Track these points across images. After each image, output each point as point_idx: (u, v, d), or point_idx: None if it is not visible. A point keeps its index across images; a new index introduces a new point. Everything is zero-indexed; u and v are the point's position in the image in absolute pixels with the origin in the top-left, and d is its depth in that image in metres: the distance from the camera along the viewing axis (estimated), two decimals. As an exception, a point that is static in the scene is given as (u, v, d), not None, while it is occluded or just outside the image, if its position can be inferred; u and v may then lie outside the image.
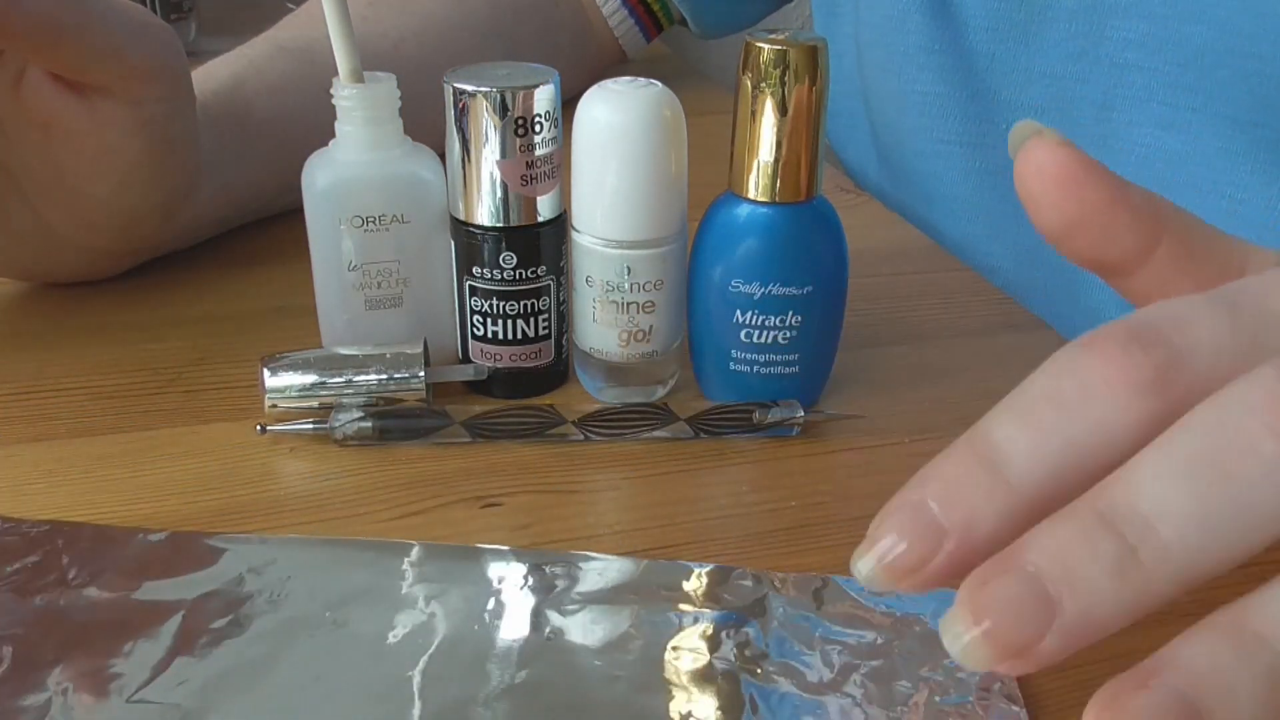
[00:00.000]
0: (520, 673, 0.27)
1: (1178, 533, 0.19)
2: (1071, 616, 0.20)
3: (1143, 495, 0.20)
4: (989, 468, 0.21)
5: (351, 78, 0.36)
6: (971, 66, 0.51)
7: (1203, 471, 0.20)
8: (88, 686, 0.26)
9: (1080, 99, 0.48)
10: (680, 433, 0.37)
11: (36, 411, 0.38)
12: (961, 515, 0.21)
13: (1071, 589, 0.20)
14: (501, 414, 0.36)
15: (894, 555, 0.21)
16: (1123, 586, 0.20)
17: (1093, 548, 0.20)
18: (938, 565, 0.21)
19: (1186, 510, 0.19)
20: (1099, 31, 0.46)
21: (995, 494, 0.21)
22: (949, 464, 0.22)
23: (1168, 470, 0.20)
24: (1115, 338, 0.22)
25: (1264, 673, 0.19)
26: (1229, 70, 0.42)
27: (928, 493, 0.22)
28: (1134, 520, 0.20)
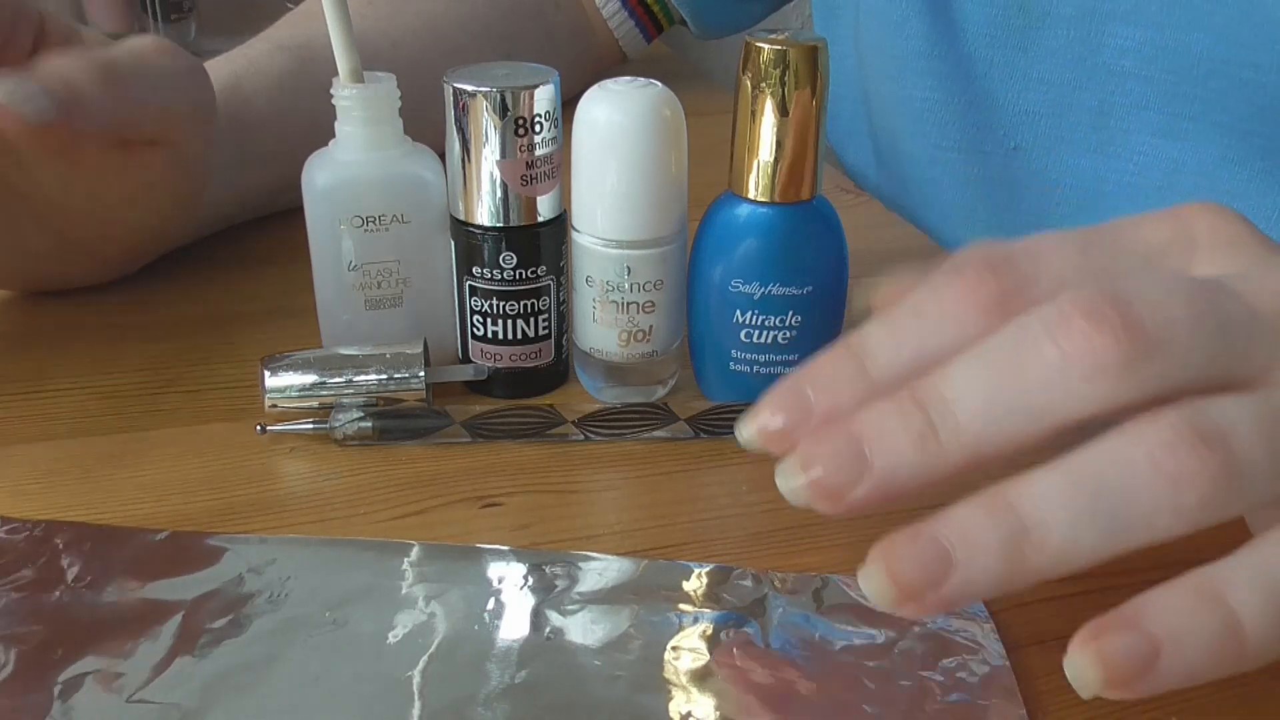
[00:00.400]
0: (520, 673, 0.27)
1: (969, 415, 0.24)
2: (878, 473, 0.24)
3: (949, 384, 0.24)
4: (856, 364, 0.26)
5: (351, 78, 0.36)
6: (970, 73, 0.51)
7: (996, 368, 0.24)
8: (88, 687, 0.26)
9: (1078, 105, 0.48)
10: (680, 433, 0.37)
11: (36, 411, 0.38)
12: (828, 398, 0.26)
13: (881, 452, 0.24)
14: (501, 414, 0.36)
15: (770, 426, 0.26)
16: (921, 454, 0.24)
17: (903, 421, 0.24)
18: (803, 436, 0.26)
19: (979, 398, 0.24)
20: (1097, 38, 0.46)
21: (857, 384, 0.26)
22: (826, 359, 0.27)
23: (971, 366, 0.25)
24: (974, 263, 0.26)
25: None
26: (1226, 79, 0.42)
27: (804, 379, 0.27)
28: (938, 403, 0.24)
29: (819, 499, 0.25)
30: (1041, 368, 0.24)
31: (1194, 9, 0.42)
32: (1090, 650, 0.23)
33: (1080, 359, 0.23)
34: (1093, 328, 0.23)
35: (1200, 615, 0.22)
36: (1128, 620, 0.23)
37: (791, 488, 0.26)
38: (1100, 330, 0.23)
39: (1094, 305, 0.24)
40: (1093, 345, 0.23)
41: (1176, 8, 0.43)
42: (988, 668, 0.27)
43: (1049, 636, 0.29)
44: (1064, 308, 0.24)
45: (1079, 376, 0.23)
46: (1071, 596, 0.30)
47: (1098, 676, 0.23)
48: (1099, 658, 0.23)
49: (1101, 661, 0.23)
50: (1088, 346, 0.23)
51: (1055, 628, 0.29)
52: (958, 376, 0.25)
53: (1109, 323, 0.23)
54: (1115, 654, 0.23)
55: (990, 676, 0.27)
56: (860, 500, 0.25)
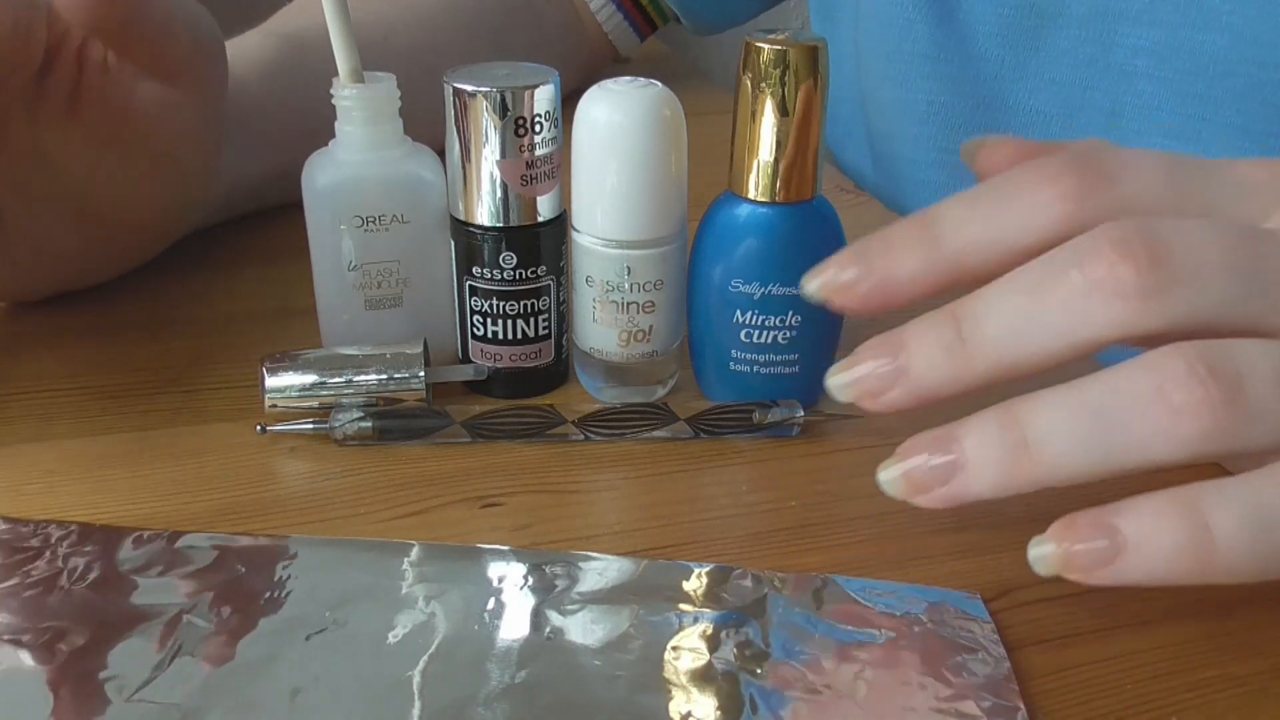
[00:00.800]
0: (520, 672, 0.27)
1: (995, 330, 0.26)
2: (912, 378, 0.27)
3: (983, 300, 0.27)
4: (925, 230, 0.28)
5: (351, 78, 0.36)
6: (979, 74, 0.50)
7: (1026, 289, 0.26)
8: (87, 686, 0.26)
9: (1089, 106, 0.47)
10: (680, 433, 0.37)
11: (37, 411, 0.38)
12: (892, 258, 0.28)
13: (914, 360, 0.27)
14: (501, 414, 0.36)
15: (836, 279, 0.29)
16: (950, 362, 0.27)
17: (938, 332, 0.27)
18: (864, 289, 0.29)
19: (1006, 315, 0.26)
20: (1109, 38, 0.46)
21: (922, 247, 0.28)
22: (899, 224, 0.29)
23: (1006, 287, 0.27)
24: (1064, 154, 0.28)
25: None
26: (1242, 79, 0.42)
27: (873, 241, 0.29)
28: (970, 318, 0.27)
29: (859, 396, 0.28)
30: (1066, 291, 0.25)
31: (1209, 9, 0.42)
32: (1058, 545, 0.25)
33: (1101, 284, 0.25)
34: (1117, 256, 0.25)
35: (1172, 523, 0.24)
36: (1101, 522, 0.25)
37: (838, 384, 0.28)
38: (1124, 259, 0.25)
39: (1124, 236, 0.25)
40: (1115, 273, 0.25)
41: (1190, 8, 0.43)
42: (988, 668, 0.27)
43: (1049, 636, 0.29)
44: (1096, 237, 0.25)
45: (1099, 301, 0.25)
46: (1072, 596, 0.30)
47: (1057, 566, 0.25)
48: (1063, 553, 0.25)
49: (1064, 556, 0.25)
50: (1109, 274, 0.25)
51: (1055, 628, 0.29)
52: (993, 295, 0.27)
53: (1134, 253, 0.25)
54: (1079, 552, 0.25)
55: (990, 676, 0.27)
56: (896, 401, 0.28)
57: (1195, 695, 0.27)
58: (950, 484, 0.27)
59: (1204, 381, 0.24)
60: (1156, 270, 0.25)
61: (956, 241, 0.28)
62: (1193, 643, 0.29)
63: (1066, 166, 0.27)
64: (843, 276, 0.29)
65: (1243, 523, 0.24)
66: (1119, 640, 0.29)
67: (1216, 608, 0.30)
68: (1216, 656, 0.28)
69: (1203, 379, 0.24)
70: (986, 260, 0.28)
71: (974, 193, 0.28)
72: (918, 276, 0.28)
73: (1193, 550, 0.24)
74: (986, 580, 0.31)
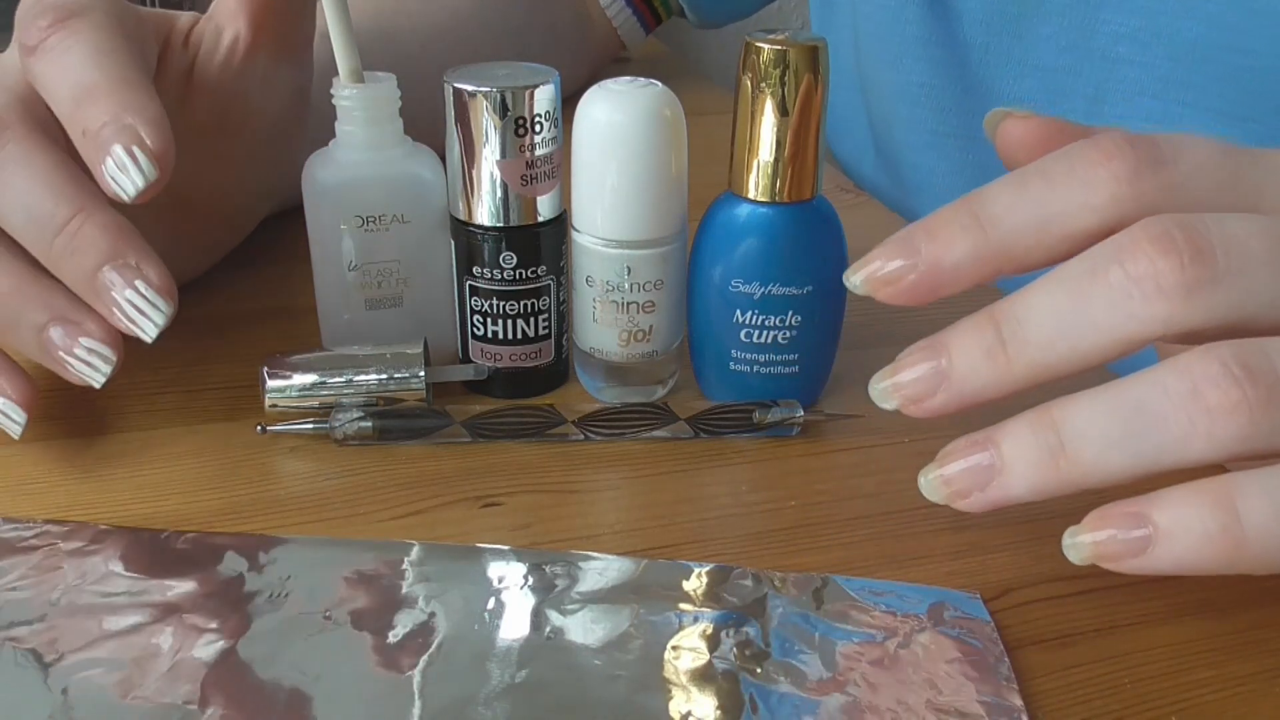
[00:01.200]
0: (520, 672, 0.27)
1: (1036, 332, 0.26)
2: (954, 383, 0.27)
3: (1023, 303, 0.26)
4: (972, 214, 0.27)
5: (351, 78, 0.36)
6: (966, 59, 0.51)
7: (1066, 288, 0.26)
8: (87, 686, 0.26)
9: (1072, 92, 0.48)
10: (680, 432, 0.37)
11: (37, 411, 0.38)
12: (938, 247, 0.28)
13: (956, 364, 0.27)
14: (501, 414, 0.36)
15: (879, 272, 0.28)
16: (991, 366, 0.27)
17: (978, 336, 0.27)
18: (911, 282, 0.28)
19: (1047, 316, 0.26)
20: (1091, 25, 0.46)
21: (970, 233, 0.27)
22: (945, 211, 0.28)
23: (1045, 287, 0.26)
24: (1116, 136, 0.27)
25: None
26: (1220, 65, 0.42)
27: (919, 228, 0.28)
28: (1010, 321, 0.26)
29: (903, 402, 0.28)
30: (1107, 289, 0.25)
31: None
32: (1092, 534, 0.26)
33: (1142, 281, 0.25)
34: (1158, 251, 0.24)
35: (1202, 513, 0.24)
36: (1133, 513, 0.25)
37: (881, 390, 0.29)
38: (1166, 254, 0.24)
39: (1165, 231, 0.25)
40: (1156, 268, 0.24)
41: None
42: (988, 667, 0.27)
43: (1049, 636, 0.29)
44: (1135, 233, 0.25)
45: (1140, 298, 0.25)
46: (1072, 596, 0.30)
47: (1090, 555, 0.26)
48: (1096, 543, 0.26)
49: (1097, 545, 0.26)
50: (1151, 269, 0.24)
51: (1055, 628, 0.29)
52: (1032, 296, 0.26)
53: (1176, 248, 0.24)
54: (1112, 541, 0.25)
55: (990, 676, 0.27)
56: (939, 406, 0.28)
57: (1195, 695, 0.27)
58: (989, 488, 0.27)
59: (1240, 382, 0.24)
60: (1199, 266, 0.24)
61: (1005, 226, 0.27)
62: (1193, 643, 0.29)
63: (1118, 148, 0.26)
64: (888, 268, 0.28)
65: (1273, 512, 0.24)
66: (1119, 640, 0.29)
67: (1216, 608, 0.30)
68: (1216, 656, 0.28)
69: (1238, 379, 0.24)
70: (1036, 245, 0.27)
71: (1023, 174, 0.27)
72: (965, 265, 0.27)
73: (1222, 539, 0.24)
74: (986, 580, 0.31)
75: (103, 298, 0.32)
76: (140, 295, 0.32)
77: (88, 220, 0.32)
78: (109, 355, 0.32)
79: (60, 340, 0.32)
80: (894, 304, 0.29)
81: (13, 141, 0.32)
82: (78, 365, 0.32)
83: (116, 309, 0.32)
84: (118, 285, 0.32)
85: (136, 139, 0.31)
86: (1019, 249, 0.27)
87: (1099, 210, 0.26)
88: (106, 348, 0.32)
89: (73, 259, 0.32)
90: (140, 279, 0.32)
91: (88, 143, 0.31)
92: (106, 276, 0.32)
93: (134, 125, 0.31)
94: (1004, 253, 0.27)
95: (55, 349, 0.32)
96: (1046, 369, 0.26)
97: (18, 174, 0.32)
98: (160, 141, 0.32)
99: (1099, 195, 0.26)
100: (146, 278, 0.32)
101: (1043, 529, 0.27)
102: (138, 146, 0.31)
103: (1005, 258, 0.27)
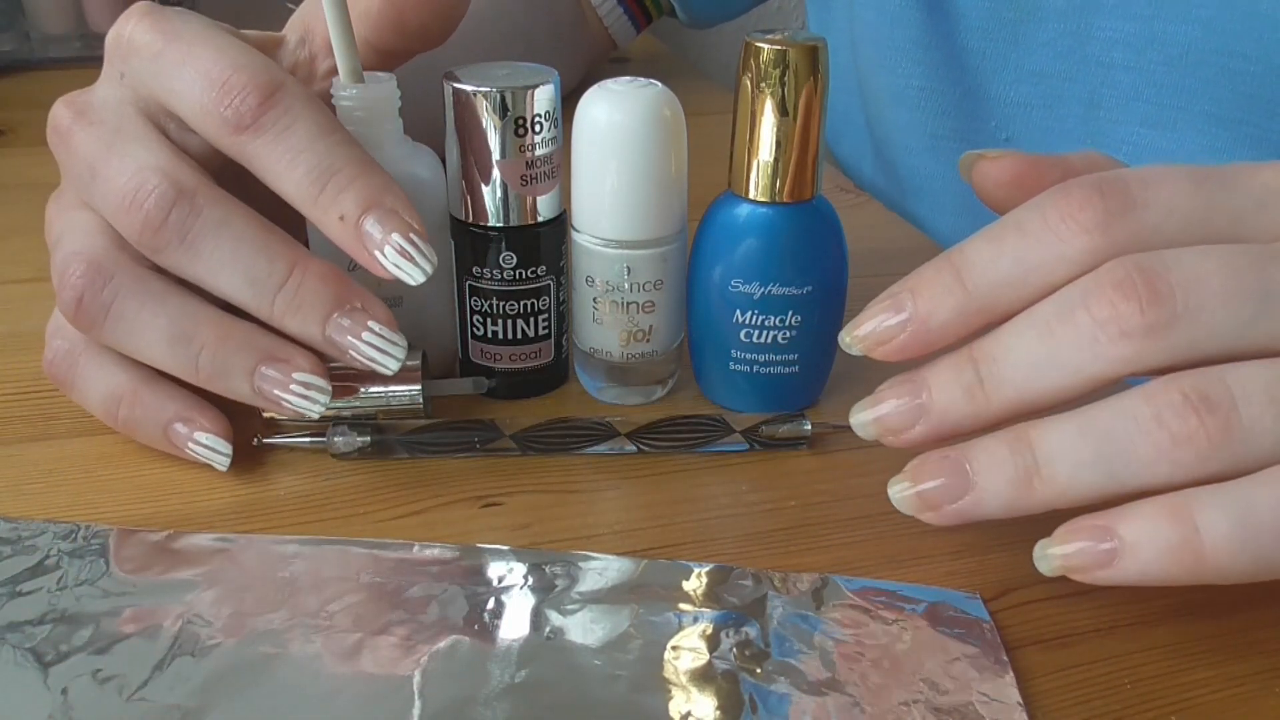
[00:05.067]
0: (520, 672, 0.27)
1: (1012, 371, 0.28)
2: (933, 416, 0.29)
3: (999, 344, 0.28)
4: (954, 274, 0.29)
5: (351, 78, 0.36)
6: (964, 64, 0.51)
7: (1038, 330, 0.27)
8: (87, 686, 0.26)
9: (1068, 97, 0.48)
10: (735, 444, 0.36)
11: (36, 411, 0.38)
12: (925, 306, 0.29)
13: (936, 399, 0.29)
14: (548, 427, 0.36)
15: (873, 332, 0.30)
16: (970, 402, 0.28)
17: (957, 373, 0.28)
18: (902, 342, 0.29)
19: (1021, 356, 0.27)
20: (1086, 31, 0.47)
21: (954, 293, 0.29)
22: (928, 268, 0.29)
23: (1018, 328, 0.28)
24: (1085, 183, 0.28)
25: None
26: (1213, 69, 0.43)
27: (906, 287, 0.29)
28: (987, 360, 0.28)
29: (882, 433, 0.30)
30: (1075, 332, 0.27)
31: (1180, 1, 0.43)
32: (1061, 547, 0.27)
33: (1106, 324, 0.26)
34: (1119, 296, 0.26)
35: (1164, 526, 0.25)
36: (1100, 526, 0.26)
37: (861, 422, 0.30)
38: (1127, 299, 0.26)
39: (1126, 275, 0.26)
40: (1118, 312, 0.26)
41: (1163, 1, 0.44)
42: (988, 667, 0.27)
43: (1049, 636, 0.29)
44: (1099, 277, 0.27)
45: (1106, 340, 0.26)
46: (1071, 596, 0.30)
47: (1060, 567, 0.27)
48: (1065, 555, 0.27)
49: (1066, 558, 0.27)
50: (1113, 313, 0.26)
51: (1055, 628, 0.29)
52: (1007, 337, 0.28)
53: (1136, 293, 0.26)
54: (1080, 554, 0.27)
55: (990, 676, 0.27)
56: (917, 437, 0.29)
57: (1195, 695, 0.27)
58: (961, 502, 0.28)
59: (1198, 411, 0.25)
60: (1157, 308, 0.26)
61: (986, 283, 0.28)
62: (1193, 643, 0.29)
63: (1088, 198, 0.27)
64: (880, 329, 0.30)
65: (1231, 525, 0.25)
66: (1119, 640, 0.29)
67: (1216, 608, 0.30)
68: (1216, 656, 0.28)
69: (1196, 408, 0.25)
70: (1017, 299, 0.28)
71: (998, 230, 0.29)
72: (952, 323, 0.29)
73: (1183, 551, 0.25)
74: (986, 580, 0.31)
75: (338, 344, 0.32)
76: (376, 335, 0.32)
77: (306, 274, 0.32)
78: (324, 386, 0.33)
79: (274, 379, 0.32)
80: (887, 360, 0.30)
81: (206, 207, 0.31)
82: (295, 401, 0.32)
83: (354, 352, 0.32)
84: (352, 331, 0.32)
85: (407, 227, 0.32)
86: (1001, 303, 0.28)
87: (1075, 262, 0.27)
88: (320, 379, 0.33)
89: (299, 314, 0.32)
90: (371, 319, 0.32)
91: (346, 229, 0.32)
92: (337, 324, 0.32)
93: (398, 210, 0.32)
94: (988, 309, 0.29)
95: (270, 388, 0.32)
96: (1022, 405, 0.28)
97: (223, 239, 0.32)
98: (421, 224, 0.32)
99: (1073, 247, 0.27)
100: (376, 317, 0.32)
101: (1042, 529, 0.27)
102: (416, 236, 0.32)
103: (989, 312, 0.29)
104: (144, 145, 0.32)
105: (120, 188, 0.31)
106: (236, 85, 0.31)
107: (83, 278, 0.32)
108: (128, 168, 0.32)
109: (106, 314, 0.32)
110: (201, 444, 0.34)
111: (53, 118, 0.34)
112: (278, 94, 0.32)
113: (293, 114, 0.32)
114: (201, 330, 0.32)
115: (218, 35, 0.33)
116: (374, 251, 0.32)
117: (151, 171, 0.31)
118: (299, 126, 0.32)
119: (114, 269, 0.32)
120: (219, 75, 0.31)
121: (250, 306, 0.32)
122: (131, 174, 0.31)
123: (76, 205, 0.34)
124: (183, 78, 0.32)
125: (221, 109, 0.31)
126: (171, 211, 0.31)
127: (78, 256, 0.32)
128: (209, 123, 0.32)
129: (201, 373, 0.32)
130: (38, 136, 0.35)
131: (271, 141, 0.31)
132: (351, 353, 0.32)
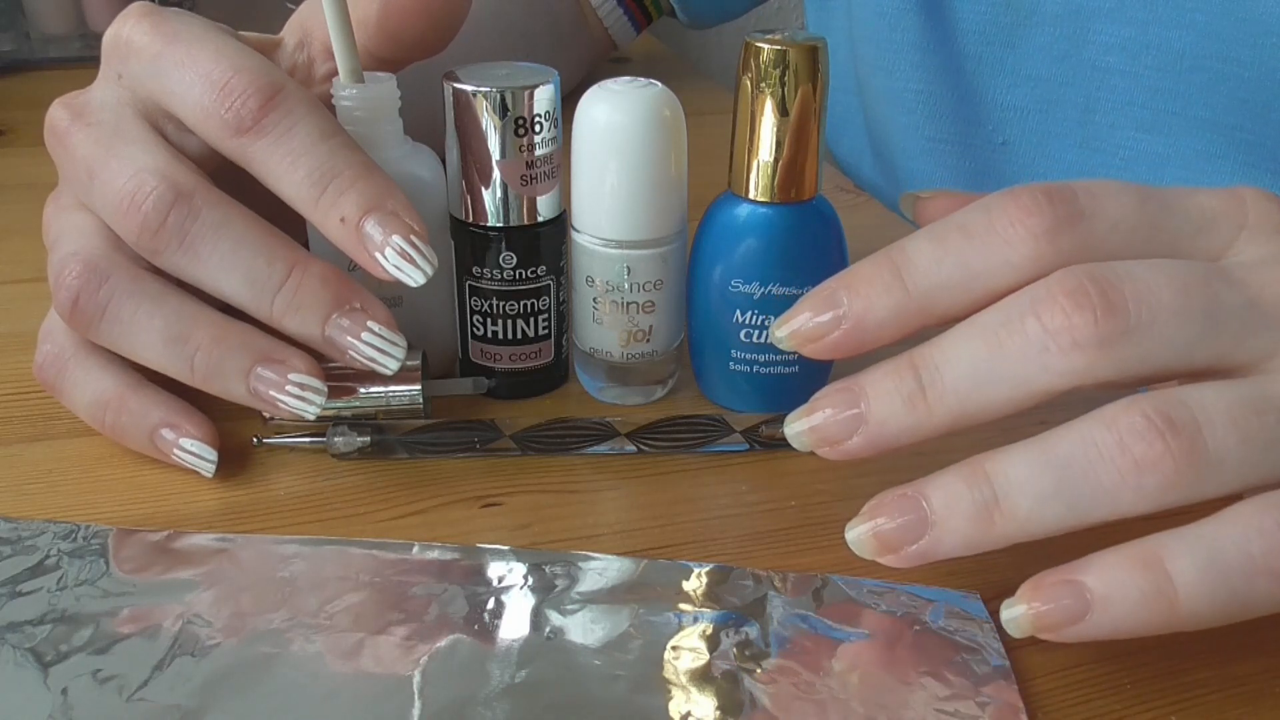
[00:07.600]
0: (520, 672, 0.27)
1: (954, 380, 0.26)
2: (870, 427, 0.27)
3: (941, 350, 0.27)
4: (894, 272, 0.27)
5: (351, 78, 0.36)
6: (961, 68, 0.52)
7: (984, 338, 0.26)
8: (87, 686, 0.26)
9: (1064, 102, 0.48)
10: (736, 445, 0.36)
11: (36, 411, 0.38)
12: (861, 304, 0.28)
13: (874, 408, 0.27)
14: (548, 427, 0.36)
15: (804, 326, 0.28)
16: (910, 412, 0.27)
17: (897, 382, 0.27)
18: (834, 339, 0.28)
19: (965, 365, 0.26)
20: (1082, 36, 0.47)
21: (892, 292, 0.27)
22: (865, 265, 0.28)
23: (963, 335, 0.26)
24: (1033, 190, 0.27)
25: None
26: (1208, 74, 0.43)
27: (841, 283, 0.28)
28: (929, 368, 0.26)
29: (817, 444, 0.28)
30: (1023, 341, 0.25)
31: (1176, 6, 0.43)
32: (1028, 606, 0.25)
33: (1057, 334, 0.25)
34: (1073, 306, 0.25)
35: (1136, 576, 0.24)
36: (1068, 580, 0.25)
37: (795, 432, 0.28)
38: (1080, 308, 0.25)
39: (1080, 284, 0.25)
40: (1070, 322, 0.25)
41: (1158, 5, 0.44)
42: (988, 667, 0.27)
43: (1049, 636, 0.29)
44: (1051, 285, 0.25)
45: (1056, 351, 0.25)
46: (1071, 596, 0.30)
47: (1029, 627, 0.26)
48: (1034, 614, 0.25)
49: (1035, 617, 0.25)
50: (1065, 323, 0.25)
51: (1055, 628, 0.29)
52: (950, 344, 0.27)
53: (1090, 302, 0.25)
54: (1049, 612, 0.25)
55: (990, 676, 0.27)
56: (855, 449, 0.28)
57: (1195, 695, 0.27)
58: (920, 542, 0.26)
59: (1162, 434, 0.24)
60: (1111, 320, 0.25)
61: (927, 284, 0.27)
62: (1193, 642, 0.29)
63: (1036, 204, 0.27)
64: (811, 325, 0.28)
65: (1202, 570, 0.24)
66: (1119, 640, 0.29)
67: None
68: (1216, 656, 0.28)
69: (1161, 431, 0.24)
70: (958, 303, 0.27)
71: (942, 229, 0.28)
72: (889, 322, 0.28)
73: (1157, 600, 0.24)
74: (986, 580, 0.31)
75: (338, 344, 0.32)
76: (375, 335, 0.32)
77: (305, 274, 0.32)
78: (320, 387, 0.33)
79: (269, 380, 0.32)
80: (819, 359, 0.29)
81: (205, 208, 0.31)
82: (290, 402, 0.32)
83: (354, 353, 0.32)
84: (351, 331, 0.32)
85: (407, 229, 0.32)
86: (941, 305, 0.27)
87: (1019, 268, 0.27)
88: (316, 380, 0.32)
89: (299, 314, 0.32)
90: (370, 319, 0.32)
91: (347, 231, 0.31)
92: (337, 324, 0.32)
93: (398, 213, 0.32)
94: (927, 310, 0.27)
95: (265, 389, 0.32)
96: (966, 417, 0.26)
97: (222, 241, 0.31)
98: (422, 226, 0.32)
99: (1018, 253, 0.26)
100: (376, 317, 0.32)
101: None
102: (416, 238, 0.32)
103: (928, 314, 0.28)
104: (142, 147, 0.32)
105: (118, 190, 0.31)
106: (237, 87, 0.31)
107: (79, 278, 0.32)
108: (126, 169, 0.32)
109: (102, 314, 0.32)
110: (187, 450, 0.34)
111: (50, 119, 0.34)
112: (278, 96, 0.31)
113: (294, 116, 0.32)
114: (197, 331, 0.32)
115: (217, 37, 0.33)
116: (374, 253, 0.32)
117: (150, 173, 0.31)
118: (300, 129, 0.32)
119: (110, 270, 0.32)
120: (219, 77, 0.31)
121: (249, 307, 0.32)
122: (129, 176, 0.31)
123: (74, 206, 0.34)
124: (182, 79, 0.32)
125: (222, 111, 0.31)
126: (170, 213, 0.31)
127: (74, 257, 0.32)
128: (209, 125, 0.32)
129: (196, 374, 0.32)
130: (38, 136, 0.35)
131: (272, 144, 0.31)
132: (351, 353, 0.32)
